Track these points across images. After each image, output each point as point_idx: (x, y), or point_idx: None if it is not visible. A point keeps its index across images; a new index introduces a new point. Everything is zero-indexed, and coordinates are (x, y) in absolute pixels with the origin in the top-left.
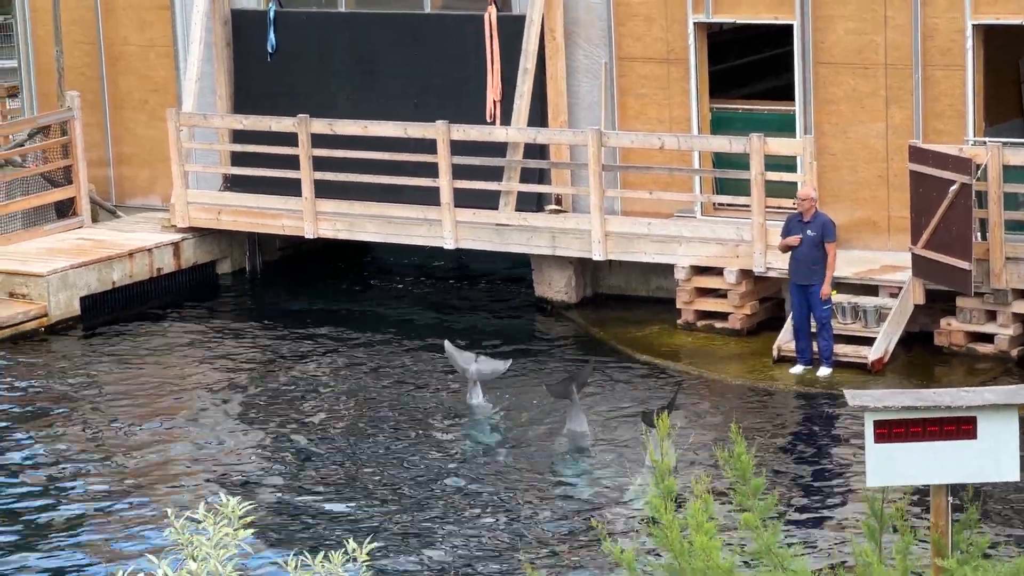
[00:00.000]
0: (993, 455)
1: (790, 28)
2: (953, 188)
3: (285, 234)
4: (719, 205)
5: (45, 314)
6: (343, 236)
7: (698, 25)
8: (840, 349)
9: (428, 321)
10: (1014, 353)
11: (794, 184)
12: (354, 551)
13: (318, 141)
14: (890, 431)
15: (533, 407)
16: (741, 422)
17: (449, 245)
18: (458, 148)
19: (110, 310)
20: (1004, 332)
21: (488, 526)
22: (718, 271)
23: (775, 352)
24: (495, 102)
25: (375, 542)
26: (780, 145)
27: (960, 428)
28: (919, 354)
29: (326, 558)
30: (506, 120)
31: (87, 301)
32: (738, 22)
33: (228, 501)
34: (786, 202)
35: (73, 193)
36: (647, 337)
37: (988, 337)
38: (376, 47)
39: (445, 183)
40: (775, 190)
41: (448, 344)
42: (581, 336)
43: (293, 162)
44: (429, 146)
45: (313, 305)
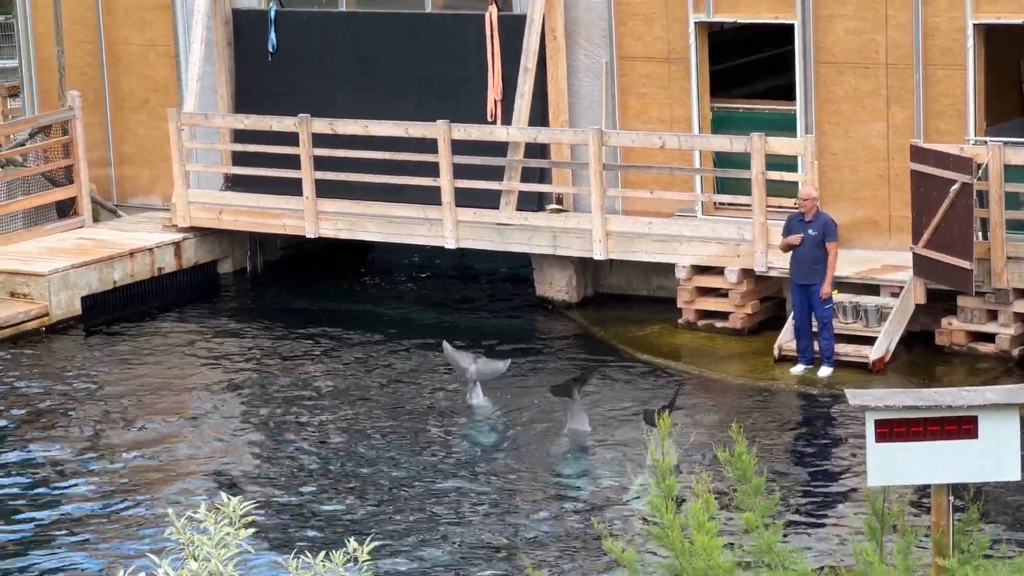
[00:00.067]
0: (994, 454)
1: (791, 27)
2: (954, 187)
3: (286, 234)
4: (720, 204)
5: (46, 314)
6: (344, 236)
7: (699, 24)
8: (841, 348)
9: (429, 320)
10: (1015, 352)
11: (795, 183)
12: (355, 551)
13: (319, 141)
14: (891, 430)
15: (534, 407)
16: (742, 422)
17: (450, 244)
18: (459, 147)
19: (111, 310)
20: (1005, 331)
21: (489, 526)
22: (719, 270)
23: (776, 351)
24: (496, 101)
25: (375, 541)
26: (781, 144)
27: (961, 428)
28: (920, 353)
29: (327, 558)
30: (507, 119)
31: (88, 301)
32: (739, 21)
33: (229, 501)
34: (787, 202)
35: (74, 193)
36: (648, 336)
37: (989, 336)
38: (377, 47)
39: (446, 182)
40: (776, 189)
41: (447, 345)
42: (582, 335)
43: (294, 162)
44: (430, 145)
45: (314, 305)
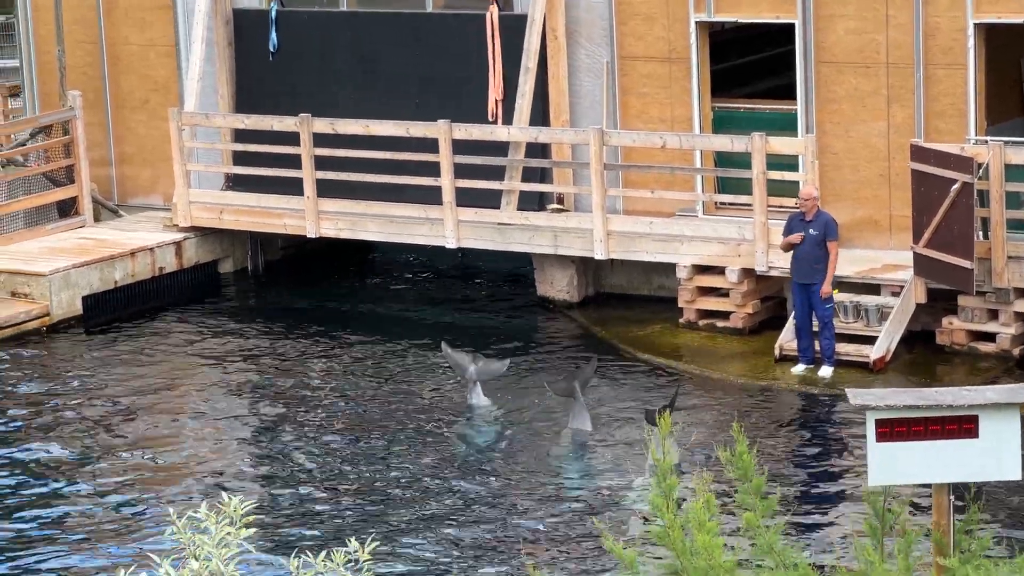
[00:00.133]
0: (995, 454)
1: (792, 27)
2: (955, 187)
3: (287, 233)
4: (721, 204)
5: (47, 313)
6: (345, 235)
7: (700, 24)
8: (842, 348)
9: (430, 320)
10: (1016, 352)
11: (796, 183)
12: (356, 551)
13: (320, 140)
14: (892, 430)
15: (534, 406)
16: (743, 421)
17: (451, 244)
18: (460, 147)
19: (112, 309)
20: (1006, 331)
21: (490, 526)
22: (720, 270)
23: (777, 351)
24: (497, 101)
25: (375, 542)
26: (782, 144)
27: (962, 427)
28: (921, 353)
29: (328, 557)
30: (508, 119)
31: (89, 300)
32: (740, 21)
33: (230, 500)
34: (788, 201)
35: (75, 192)
36: (649, 336)
37: (990, 336)
38: (378, 46)
39: (447, 182)
40: (777, 189)
41: (445, 346)
42: (583, 335)
43: (295, 161)
44: (431, 145)
45: (315, 304)
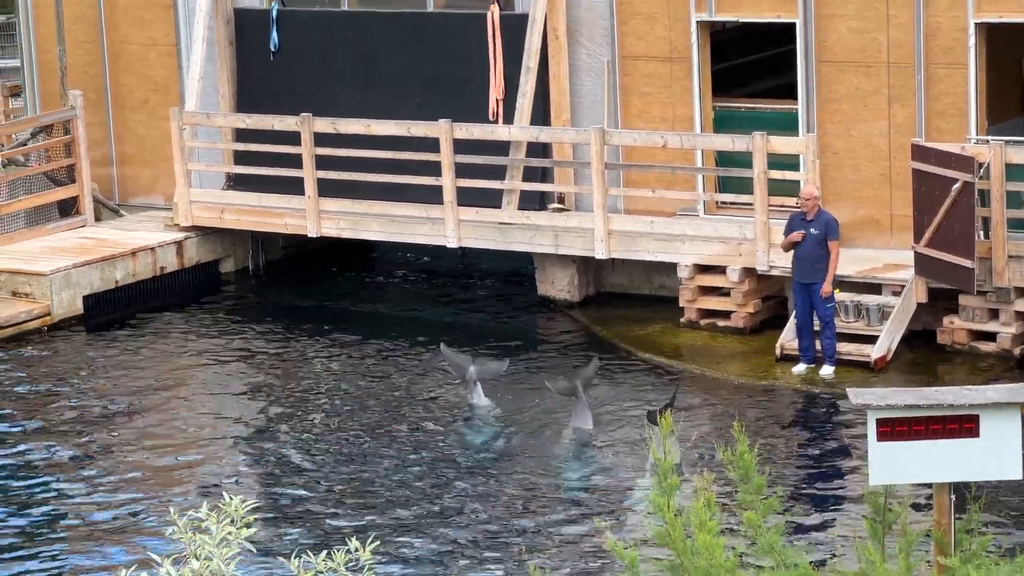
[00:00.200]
0: (996, 453)
1: (792, 26)
2: (956, 186)
3: (288, 233)
4: (722, 203)
5: (48, 313)
6: (346, 235)
7: (701, 23)
8: (843, 347)
9: (431, 320)
10: (1016, 351)
11: (797, 182)
12: (356, 550)
13: (321, 140)
14: (893, 429)
15: (535, 406)
16: (744, 421)
17: (452, 244)
18: (461, 147)
19: (113, 309)
20: (1007, 330)
21: (490, 526)
22: (721, 269)
23: (778, 350)
24: (498, 101)
25: (376, 541)
26: (783, 143)
27: (963, 426)
28: (922, 352)
29: (329, 557)
30: (509, 119)
31: (90, 300)
32: (741, 20)
33: (231, 500)
34: (789, 201)
35: (76, 192)
36: (650, 335)
37: (991, 335)
38: (379, 46)
39: (448, 182)
40: (778, 188)
41: (444, 347)
42: (584, 335)
43: (296, 161)
44: (432, 145)
45: (316, 304)
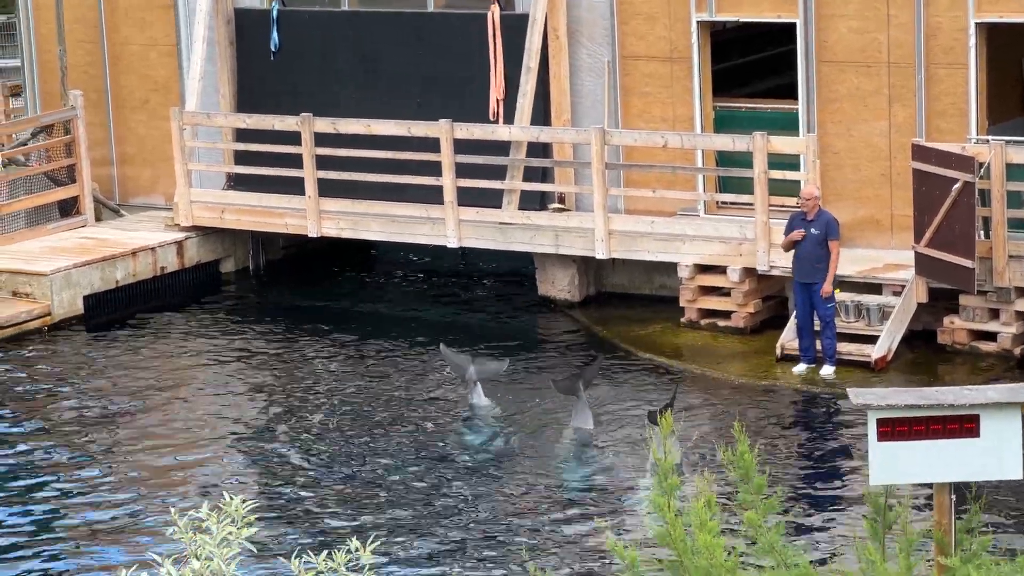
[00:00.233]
0: (996, 453)
1: (793, 26)
2: (956, 186)
3: (288, 233)
4: (722, 203)
5: (48, 313)
6: (347, 235)
7: (701, 23)
8: (843, 347)
9: (431, 320)
10: (1017, 351)
11: (797, 182)
12: (357, 550)
13: (321, 140)
14: (893, 429)
15: (536, 406)
16: (744, 421)
17: (452, 244)
18: (461, 147)
19: (113, 309)
20: (1007, 330)
21: (490, 526)
22: (721, 269)
23: (778, 350)
24: (498, 101)
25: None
26: (783, 143)
27: (963, 426)
28: (922, 352)
29: (329, 557)
30: (509, 119)
31: (90, 300)
32: (741, 20)
33: (231, 500)
34: (789, 200)
35: (76, 192)
36: (650, 335)
37: (991, 335)
38: (379, 46)
39: (448, 182)
40: (778, 188)
41: (443, 347)
42: (584, 335)
43: (296, 161)
44: (432, 145)
45: (316, 303)
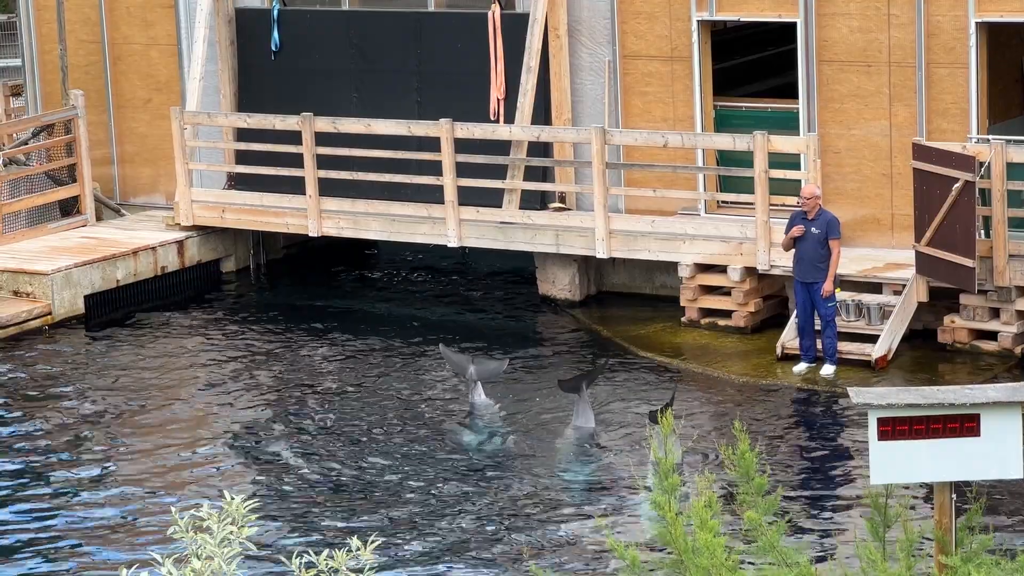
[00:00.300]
0: (997, 453)
1: (794, 26)
2: (957, 186)
3: (289, 232)
4: (723, 203)
5: (49, 312)
6: (347, 234)
7: (702, 23)
8: (844, 347)
9: (432, 319)
10: (1017, 350)
11: (798, 182)
12: (358, 549)
13: (322, 139)
14: (894, 429)
15: (536, 405)
16: (744, 420)
17: (453, 243)
18: (462, 146)
19: (114, 308)
20: (1007, 329)
21: (491, 526)
22: (722, 269)
23: (779, 350)
24: (499, 100)
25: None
26: (784, 143)
27: (964, 426)
28: (923, 351)
29: (330, 556)
30: (509, 118)
31: (91, 299)
32: (742, 20)
33: (232, 499)
34: (790, 200)
35: (77, 191)
36: (651, 335)
37: (991, 334)
38: (380, 45)
39: (449, 181)
40: (779, 188)
41: (443, 348)
42: (585, 334)
43: (297, 160)
44: (433, 144)
45: (316, 303)
